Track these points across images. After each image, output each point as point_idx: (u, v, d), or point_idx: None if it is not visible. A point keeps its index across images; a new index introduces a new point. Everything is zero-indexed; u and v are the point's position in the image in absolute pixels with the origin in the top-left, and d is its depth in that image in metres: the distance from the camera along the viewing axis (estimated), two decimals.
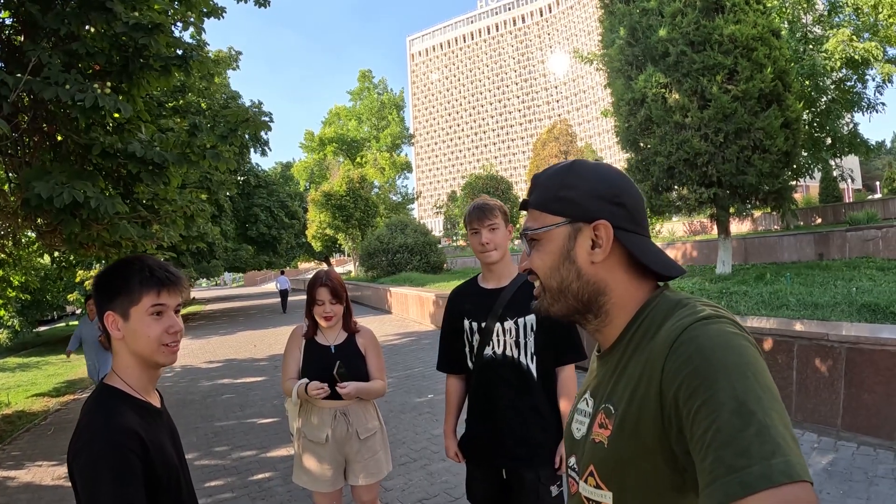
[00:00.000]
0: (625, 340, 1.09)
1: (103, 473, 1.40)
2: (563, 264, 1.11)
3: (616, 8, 13.80)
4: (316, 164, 55.39)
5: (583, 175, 1.12)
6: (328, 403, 3.19)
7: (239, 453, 6.50)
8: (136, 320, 1.58)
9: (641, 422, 0.95)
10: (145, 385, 1.66)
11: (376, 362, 3.36)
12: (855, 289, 8.28)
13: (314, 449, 3.19)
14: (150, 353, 1.60)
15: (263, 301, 37.15)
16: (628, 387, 1.01)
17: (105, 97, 4.82)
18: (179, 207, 7.33)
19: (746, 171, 11.90)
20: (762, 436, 0.77)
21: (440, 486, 5.00)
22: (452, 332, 2.82)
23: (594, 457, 1.06)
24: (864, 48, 17.31)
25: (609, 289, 1.10)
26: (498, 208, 2.68)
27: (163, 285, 1.60)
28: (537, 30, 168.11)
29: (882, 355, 5.02)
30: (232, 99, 22.35)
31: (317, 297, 3.19)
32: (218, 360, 13.65)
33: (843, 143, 20.34)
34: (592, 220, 1.08)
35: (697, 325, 0.93)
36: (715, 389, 0.83)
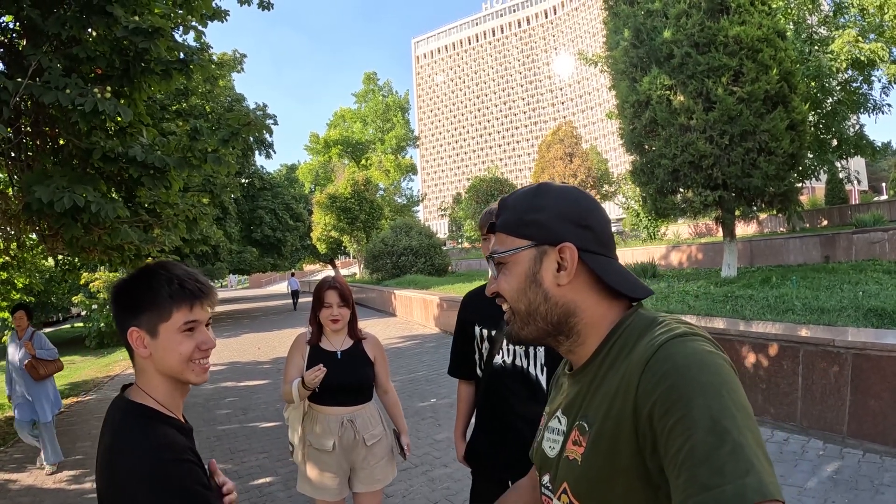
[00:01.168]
0: (598, 358, 1.09)
1: (179, 494, 1.28)
2: (530, 287, 1.12)
3: (620, 10, 13.75)
4: (321, 166, 55.55)
5: (548, 198, 1.13)
6: (335, 411, 3.17)
7: (241, 458, 6.48)
8: (165, 338, 1.44)
9: (616, 439, 0.96)
10: (176, 402, 1.52)
11: (384, 369, 3.38)
12: (861, 293, 8.21)
13: (320, 457, 3.15)
14: (180, 373, 1.47)
15: (268, 303, 37.18)
16: (603, 404, 1.01)
17: (105, 101, 4.80)
18: (181, 211, 7.31)
19: (752, 174, 11.83)
20: (736, 454, 0.78)
21: (441, 493, 4.97)
22: (464, 338, 2.83)
23: (568, 475, 1.06)
24: (869, 49, 17.23)
25: (579, 310, 1.11)
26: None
27: (195, 298, 1.47)
28: (542, 32, 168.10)
29: (889, 361, 4.97)
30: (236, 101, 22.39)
31: (325, 299, 3.18)
32: (221, 362, 13.63)
33: (848, 145, 20.25)
34: (558, 243, 1.09)
35: (672, 342, 0.94)
36: (690, 408, 0.84)
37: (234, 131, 6.36)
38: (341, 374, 3.14)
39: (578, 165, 45.38)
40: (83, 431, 8.35)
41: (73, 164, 5.95)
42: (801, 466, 4.84)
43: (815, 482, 4.56)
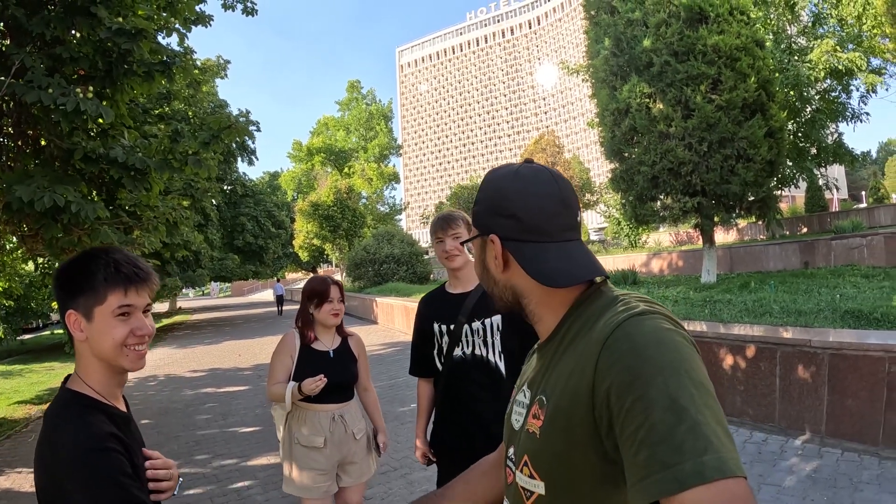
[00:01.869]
0: (559, 335, 1.11)
1: (98, 482, 1.27)
2: (484, 272, 1.20)
3: (601, 19, 13.91)
4: (304, 173, 55.52)
5: (484, 190, 1.17)
6: (326, 408, 3.20)
7: (220, 462, 6.44)
8: (100, 321, 1.41)
9: (572, 415, 0.96)
10: (112, 390, 1.49)
11: (365, 367, 3.45)
12: (839, 296, 8.35)
13: (309, 455, 3.16)
14: (114, 357, 1.44)
15: (250, 311, 36.99)
16: (560, 379, 1.02)
17: (87, 102, 4.80)
18: (161, 214, 7.27)
19: (730, 180, 11.98)
20: (695, 432, 0.78)
21: (420, 495, 4.98)
22: (423, 337, 2.91)
23: (528, 447, 1.07)
24: (848, 59, 17.50)
25: (526, 291, 1.14)
26: (461, 218, 2.80)
27: (131, 283, 1.43)
28: (526, 42, 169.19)
29: (866, 361, 5.04)
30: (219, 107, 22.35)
31: (329, 294, 3.24)
32: (202, 369, 13.54)
33: (827, 153, 20.54)
34: (488, 234, 1.14)
35: (631, 320, 0.95)
36: (647, 387, 0.84)
37: (214, 134, 6.35)
38: (334, 372, 3.17)
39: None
40: None
41: (55, 165, 5.92)
42: (780, 466, 4.87)
43: (793, 481, 4.59)
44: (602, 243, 39.31)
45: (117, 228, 6.37)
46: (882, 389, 4.92)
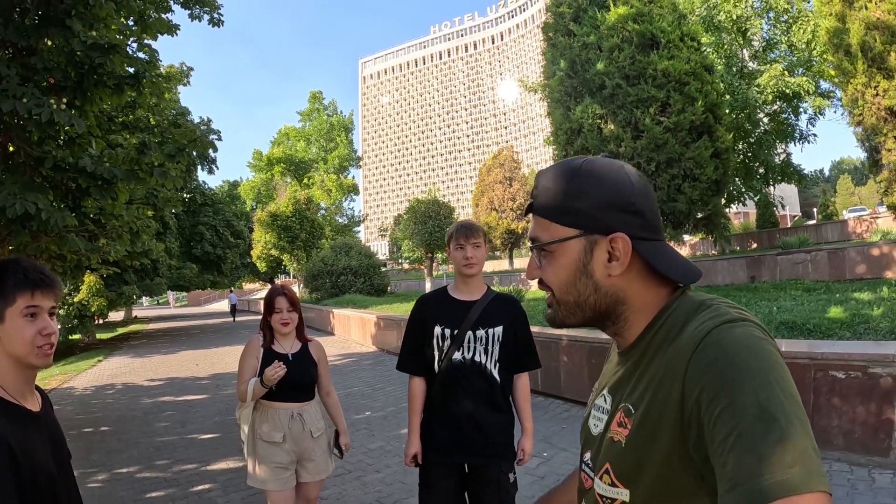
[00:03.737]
0: (645, 340, 1.07)
1: None
2: (580, 279, 1.08)
3: (558, 41, 14.41)
4: (263, 183, 55.12)
5: (593, 181, 1.07)
6: (285, 405, 3.44)
7: (180, 466, 6.55)
8: (10, 322, 1.57)
9: (661, 424, 0.94)
10: (20, 387, 1.61)
11: (325, 371, 3.71)
12: (776, 308, 8.76)
13: (270, 449, 3.39)
14: (23, 355, 1.58)
15: (207, 321, 36.61)
16: (650, 388, 1.00)
17: (60, 112, 4.98)
18: (126, 223, 7.41)
19: (677, 199, 12.50)
20: (784, 444, 0.78)
21: (373, 496, 5.21)
22: (420, 336, 3.06)
23: (610, 455, 1.05)
24: (796, 83, 18.21)
25: (628, 298, 1.08)
26: (481, 230, 3.02)
27: (36, 287, 1.60)
28: (488, 57, 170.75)
29: (793, 368, 5.25)
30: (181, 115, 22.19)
31: (276, 305, 3.47)
32: (159, 378, 13.49)
33: (774, 172, 21.29)
34: (608, 233, 1.05)
35: (722, 327, 0.92)
36: (737, 395, 0.83)
37: (180, 147, 6.56)
38: (293, 373, 3.41)
39: (517, 189, 46.17)
40: None
41: (24, 172, 6.05)
42: None
43: None
44: None
45: (83, 236, 6.51)
46: (809, 394, 5.19)
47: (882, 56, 11.86)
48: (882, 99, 12.03)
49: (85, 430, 8.52)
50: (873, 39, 11.91)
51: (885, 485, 4.37)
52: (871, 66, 12.18)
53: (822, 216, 45.95)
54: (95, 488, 5.92)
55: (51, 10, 5.60)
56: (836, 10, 13.05)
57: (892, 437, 4.75)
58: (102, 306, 23.98)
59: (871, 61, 12.11)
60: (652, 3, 13.23)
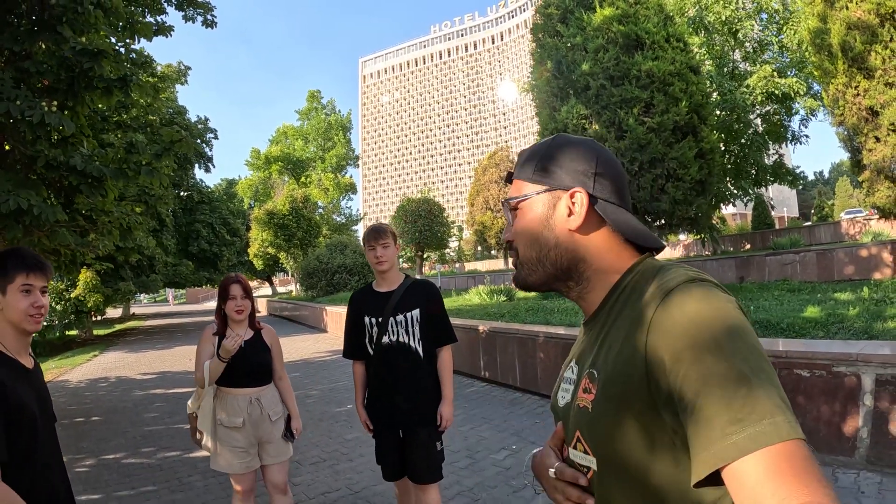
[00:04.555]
0: (608, 305, 1.10)
1: None
2: (542, 232, 1.13)
3: (546, 42, 14.62)
4: (261, 182, 55.29)
5: (564, 147, 1.15)
6: (243, 391, 3.65)
7: (164, 454, 6.81)
8: (10, 295, 2.04)
9: (627, 385, 0.95)
10: (17, 347, 2.08)
11: (279, 357, 3.92)
12: (752, 307, 8.94)
13: (231, 434, 3.61)
14: (18, 321, 2.05)
15: (203, 318, 36.80)
16: (612, 350, 1.01)
17: (51, 115, 5.24)
18: (116, 219, 7.66)
19: (660, 199, 12.68)
20: (753, 397, 0.80)
21: (343, 482, 5.46)
22: (355, 327, 3.55)
23: (580, 422, 1.06)
24: (786, 84, 18.33)
25: (588, 255, 1.11)
26: (389, 231, 3.49)
27: (31, 269, 2.07)
28: (488, 57, 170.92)
29: None
30: (178, 114, 22.42)
31: (230, 292, 3.68)
32: (152, 372, 13.76)
33: (766, 173, 21.44)
34: (569, 189, 1.11)
35: (683, 286, 0.94)
36: (703, 353, 0.85)
37: (166, 147, 6.82)
38: (246, 359, 3.63)
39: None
40: None
41: (17, 169, 6.30)
42: None
43: None
44: None
45: (74, 231, 6.75)
46: None
47: (862, 56, 12.03)
48: (863, 99, 12.21)
49: (76, 420, 8.78)
50: (853, 39, 12.08)
51: (847, 484, 4.41)
52: (851, 66, 12.35)
53: (817, 218, 46.17)
54: (82, 472, 6.19)
55: (43, 15, 5.85)
56: (819, 10, 13.21)
57: (856, 436, 4.78)
58: (99, 302, 24.17)
59: (852, 61, 12.28)
60: (638, 4, 13.41)
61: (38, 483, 2.01)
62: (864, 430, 4.75)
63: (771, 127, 20.72)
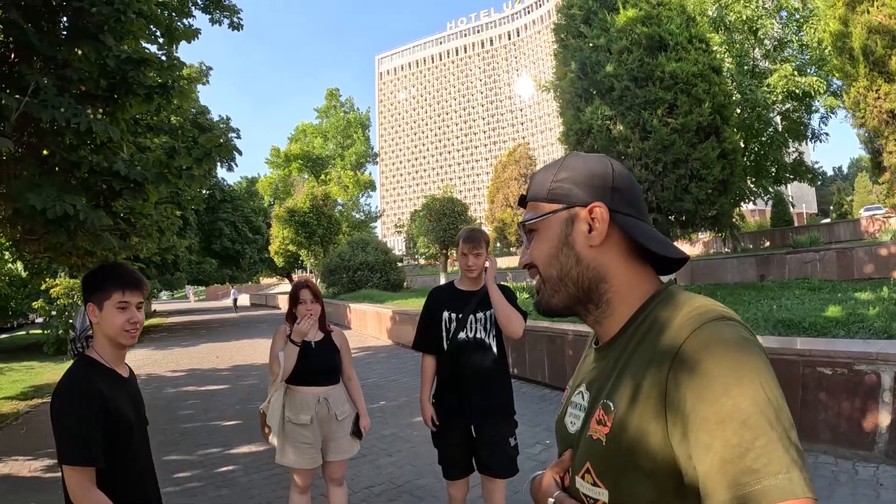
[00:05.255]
0: (627, 333, 1.07)
1: (73, 411, 1.96)
2: (562, 250, 1.11)
3: (569, 42, 14.70)
4: (281, 180, 55.58)
5: (577, 163, 1.14)
6: (311, 390, 3.79)
7: (204, 450, 6.96)
8: (107, 311, 2.12)
9: (643, 422, 0.93)
10: (114, 359, 2.19)
11: (348, 358, 4.05)
12: (775, 306, 8.96)
13: (298, 431, 3.74)
14: (115, 336, 2.14)
15: (225, 315, 37.11)
16: (631, 384, 0.98)
17: (97, 122, 5.38)
18: (154, 221, 7.84)
19: (683, 199, 12.72)
20: (768, 449, 0.78)
21: (385, 477, 5.59)
22: (431, 321, 3.64)
23: (591, 454, 1.03)
24: (806, 82, 18.24)
25: (609, 275, 1.09)
26: (484, 240, 3.61)
27: (126, 286, 2.14)
28: (505, 53, 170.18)
29: (782, 364, 5.55)
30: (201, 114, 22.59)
31: (300, 297, 3.83)
32: (181, 369, 13.96)
33: (785, 171, 21.32)
34: (587, 204, 1.08)
35: (708, 325, 0.92)
36: (725, 397, 0.83)
37: (207, 151, 6.99)
38: (315, 359, 3.79)
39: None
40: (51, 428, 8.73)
41: (60, 175, 6.46)
42: None
43: None
44: None
45: (115, 234, 6.92)
46: (798, 390, 5.42)
47: (883, 60, 12.06)
48: (883, 102, 12.23)
49: None
50: (874, 43, 12.11)
51: (866, 477, 4.61)
52: (872, 70, 12.39)
53: (836, 215, 45.64)
54: None
55: (83, 23, 5.99)
56: (840, 14, 13.22)
57: (876, 432, 4.92)
58: None
59: (873, 65, 12.31)
60: (661, 5, 13.47)
61: (131, 491, 2.13)
62: (884, 426, 4.92)
63: (791, 125, 20.58)
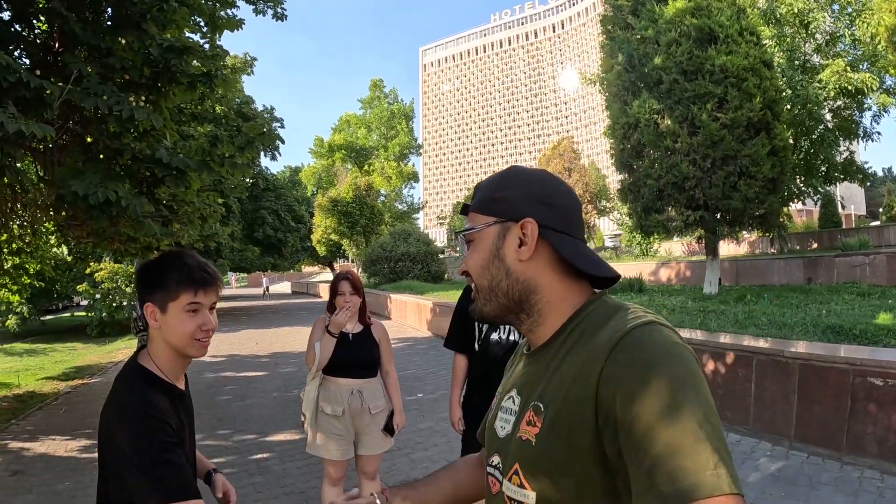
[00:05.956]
0: (559, 340, 1.08)
1: (147, 441, 1.54)
2: (493, 263, 1.12)
3: (616, 34, 14.41)
4: (324, 169, 55.92)
5: (516, 178, 1.15)
6: (346, 382, 3.73)
7: (240, 437, 7.02)
8: (172, 314, 1.68)
9: (574, 423, 0.95)
10: (175, 371, 1.77)
11: (387, 352, 3.98)
12: (825, 311, 8.68)
13: (330, 422, 3.70)
14: (182, 346, 1.72)
15: (267, 302, 37.58)
16: (562, 386, 0.99)
17: (140, 109, 5.39)
18: (196, 209, 7.89)
19: (732, 196, 12.38)
20: (696, 448, 0.80)
21: (420, 471, 5.52)
22: (464, 320, 3.52)
23: (520, 455, 1.04)
24: (859, 79, 17.66)
25: (539, 287, 1.11)
26: None
27: (199, 285, 1.71)
28: (549, 45, 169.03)
29: (831, 372, 5.39)
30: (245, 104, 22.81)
31: (339, 288, 3.76)
32: (221, 354, 14.13)
33: (836, 171, 20.72)
34: (520, 219, 1.10)
35: (639, 329, 0.94)
36: (653, 399, 0.85)
37: (249, 140, 6.98)
38: (352, 351, 3.72)
39: (577, 180, 46.06)
40: (91, 409, 8.87)
41: (103, 162, 6.51)
42: (748, 464, 5.29)
43: (756, 477, 5.00)
44: (615, 250, 39.68)
45: (157, 221, 6.96)
46: (846, 399, 5.24)
47: None
48: None
49: None
50: None
51: None
52: None
53: (886, 217, 44.24)
54: None
55: (125, 11, 6.00)
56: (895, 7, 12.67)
57: None
58: None
59: None
60: None
61: None
62: None
63: (842, 122, 19.91)
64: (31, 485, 5.74)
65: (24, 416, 8.63)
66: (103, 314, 23.30)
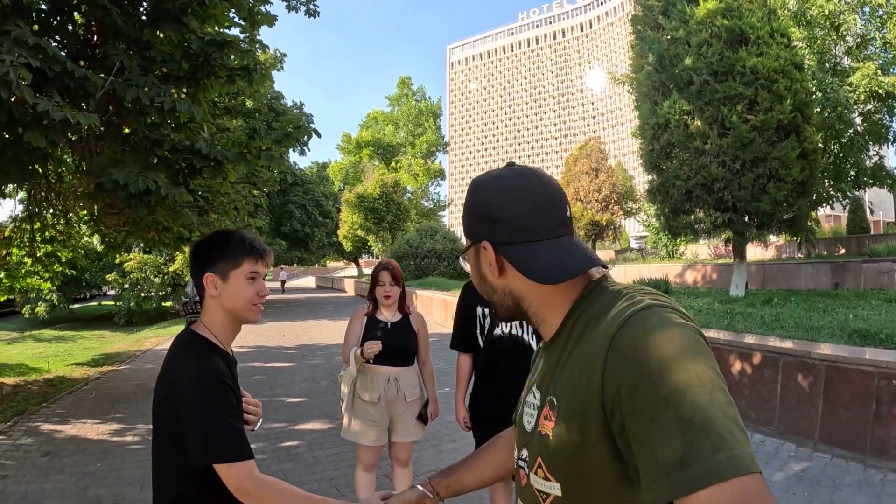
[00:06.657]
0: (564, 333, 1.09)
1: (215, 403, 1.69)
2: (482, 281, 1.19)
3: (647, 34, 14.36)
4: (351, 165, 56.13)
5: (470, 199, 1.17)
6: (383, 370, 3.81)
7: (269, 425, 7.10)
8: (233, 282, 1.85)
9: (584, 415, 0.95)
10: (228, 338, 1.93)
11: (425, 342, 4.04)
12: (852, 316, 8.61)
13: (366, 408, 3.78)
14: (241, 310, 1.88)
15: (292, 296, 37.85)
16: (570, 379, 1.01)
17: (181, 101, 5.53)
18: (231, 200, 8.05)
19: (761, 199, 12.31)
20: (706, 430, 0.77)
21: (448, 461, 5.57)
22: (466, 318, 3.56)
23: (541, 449, 1.06)
24: (890, 82, 17.42)
25: (524, 295, 1.13)
26: None
27: (260, 256, 1.90)
28: (577, 45, 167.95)
29: (857, 374, 5.36)
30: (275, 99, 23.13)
31: (379, 279, 3.86)
32: (248, 345, 14.28)
33: (865, 175, 20.46)
34: (479, 242, 1.13)
35: (638, 315, 0.94)
36: (658, 384, 0.83)
37: (286, 133, 7.12)
38: (390, 340, 3.76)
39: (604, 181, 45.75)
40: (120, 394, 9.06)
41: (142, 153, 6.68)
42: (772, 464, 5.29)
43: (780, 477, 5.00)
44: (641, 252, 39.42)
45: (194, 211, 7.11)
46: (871, 402, 5.22)
47: None
48: None
49: None
50: None
51: None
52: None
53: None
54: None
55: (164, 5, 6.14)
56: None
57: None
58: None
59: None
60: None
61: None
62: None
63: (872, 126, 19.62)
64: (62, 465, 5.86)
65: (54, 400, 8.78)
66: (131, 304, 23.69)
